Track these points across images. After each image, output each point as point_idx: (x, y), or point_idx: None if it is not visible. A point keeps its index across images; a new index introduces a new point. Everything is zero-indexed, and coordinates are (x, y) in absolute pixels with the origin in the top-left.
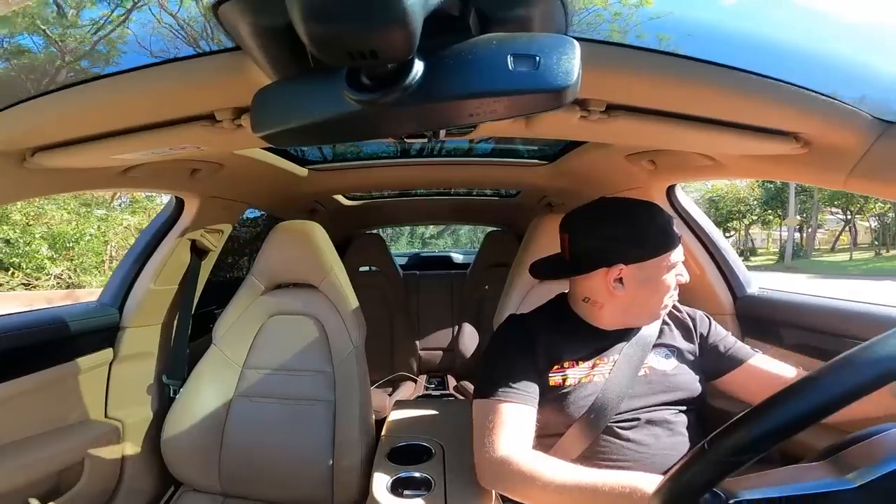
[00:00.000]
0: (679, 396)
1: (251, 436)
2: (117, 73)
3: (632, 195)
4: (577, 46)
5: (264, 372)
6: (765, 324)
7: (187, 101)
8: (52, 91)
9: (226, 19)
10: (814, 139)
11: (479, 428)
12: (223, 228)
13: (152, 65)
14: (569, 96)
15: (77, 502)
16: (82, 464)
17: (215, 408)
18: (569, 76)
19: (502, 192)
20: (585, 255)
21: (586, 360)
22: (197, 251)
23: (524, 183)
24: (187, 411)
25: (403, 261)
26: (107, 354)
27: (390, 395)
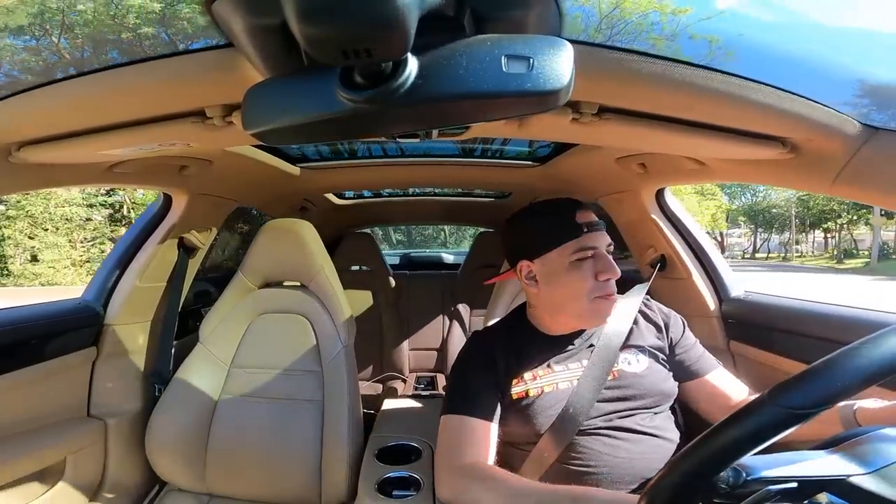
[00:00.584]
0: (652, 397)
1: (238, 435)
2: (105, 69)
3: (622, 198)
4: (571, 49)
5: (252, 371)
6: (749, 326)
7: (177, 98)
8: (37, 86)
9: (218, 16)
10: (801, 144)
11: (439, 443)
12: (212, 226)
13: (142, 60)
14: (562, 98)
15: (59, 502)
16: (64, 463)
17: (201, 407)
18: (562, 78)
19: (494, 193)
20: (507, 257)
21: (547, 369)
22: (185, 248)
23: (515, 184)
24: (172, 410)
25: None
26: (90, 352)
27: (379, 395)
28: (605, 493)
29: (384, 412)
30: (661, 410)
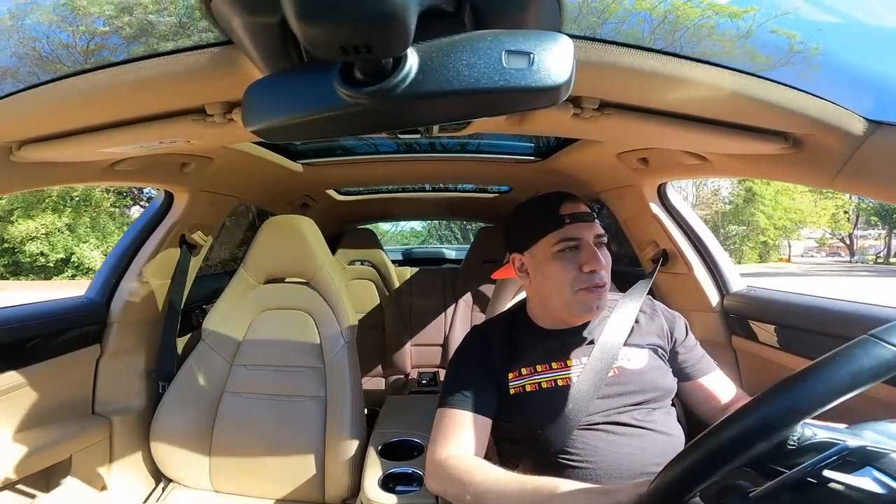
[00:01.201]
0: (652, 394)
1: (241, 431)
2: (106, 66)
3: (623, 193)
4: (572, 44)
5: (254, 367)
6: (752, 321)
7: (177, 95)
8: (38, 84)
9: (218, 13)
10: (803, 139)
11: (431, 435)
12: (213, 223)
13: (142, 58)
14: (562, 94)
15: (65, 499)
16: (70, 460)
17: (205, 403)
18: (563, 74)
19: (495, 188)
20: (507, 251)
21: (545, 364)
22: (187, 246)
23: (516, 179)
24: (176, 407)
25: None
26: (94, 350)
27: (382, 391)
28: (576, 485)
29: (387, 408)
30: (660, 406)
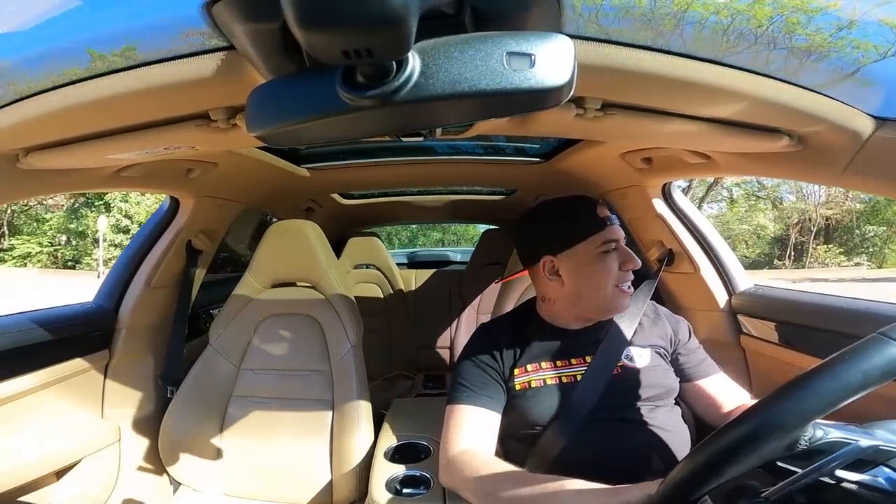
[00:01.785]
0: (655, 391)
1: (249, 435)
2: (110, 73)
3: (628, 193)
4: (573, 44)
5: (261, 371)
6: (760, 320)
7: (181, 101)
8: (44, 91)
9: (219, 18)
10: (808, 136)
11: (443, 432)
12: (219, 228)
13: (145, 64)
14: (564, 95)
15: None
16: (80, 465)
17: (213, 408)
18: (564, 74)
19: (499, 190)
20: (524, 254)
21: (551, 362)
22: (192, 251)
23: (520, 181)
24: (185, 411)
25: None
26: (103, 355)
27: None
28: (585, 484)
29: (393, 411)
30: (663, 404)
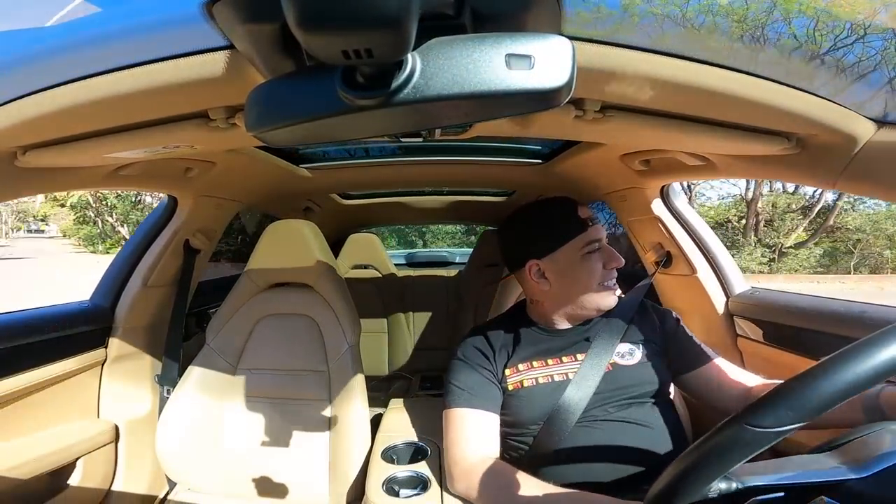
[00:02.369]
0: (647, 388)
1: (246, 435)
2: (109, 72)
3: (626, 195)
4: (572, 46)
5: (259, 372)
6: (757, 322)
7: (180, 100)
8: (42, 89)
9: (219, 17)
10: (806, 139)
11: (447, 437)
12: (217, 227)
13: (145, 63)
14: (563, 96)
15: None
16: (76, 465)
17: (210, 408)
18: (564, 76)
19: (498, 191)
20: (509, 259)
21: (543, 361)
22: (190, 250)
23: (519, 182)
24: (181, 411)
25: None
26: (99, 354)
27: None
28: (617, 501)
29: (390, 412)
30: (656, 401)
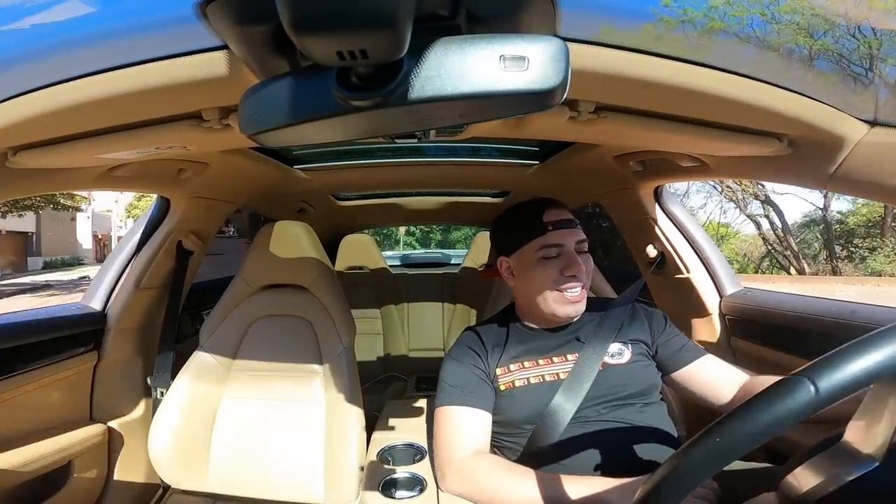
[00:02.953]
0: (638, 388)
1: (240, 437)
2: (101, 72)
3: (620, 196)
4: (567, 47)
5: (253, 373)
6: (750, 323)
7: (173, 100)
8: (34, 89)
9: (213, 17)
10: (797, 140)
11: (436, 435)
12: (210, 229)
13: (138, 63)
14: (558, 97)
15: None
16: (68, 467)
17: (203, 410)
18: (558, 77)
19: (493, 192)
20: (490, 255)
21: (534, 361)
22: (183, 252)
23: (514, 183)
24: (175, 413)
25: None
26: (91, 357)
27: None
28: (611, 481)
29: (386, 412)
30: (647, 401)
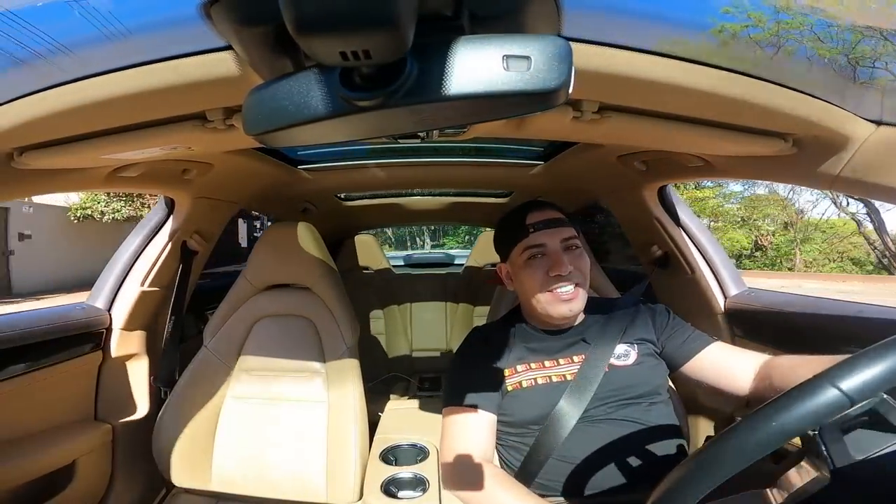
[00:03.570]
0: (645, 390)
1: (244, 437)
2: (106, 73)
3: (624, 196)
4: (570, 47)
5: (256, 373)
6: (755, 323)
7: (177, 101)
8: (39, 90)
9: (218, 18)
10: (803, 140)
11: (443, 434)
12: (214, 229)
13: (142, 64)
14: (561, 97)
15: None
16: (73, 466)
17: (207, 409)
18: (561, 77)
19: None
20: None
21: (540, 362)
22: (188, 252)
23: (518, 183)
24: (179, 413)
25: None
26: (96, 356)
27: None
28: None
29: (389, 413)
30: (654, 401)
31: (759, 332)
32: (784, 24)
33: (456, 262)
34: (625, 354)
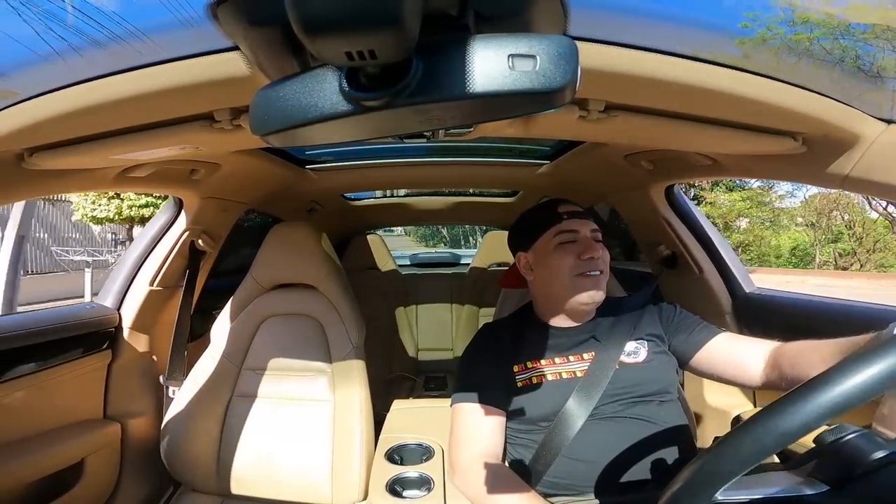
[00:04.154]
0: (655, 388)
1: (250, 436)
2: (115, 73)
3: (631, 195)
4: (577, 46)
5: (263, 372)
6: (763, 323)
7: (185, 101)
8: (49, 91)
9: (224, 19)
10: (813, 139)
11: (452, 430)
12: (222, 229)
13: (150, 64)
14: (567, 96)
15: (76, 502)
16: (81, 464)
17: (214, 408)
18: (568, 76)
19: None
20: (513, 255)
21: (551, 359)
22: (196, 252)
23: (524, 183)
24: (186, 412)
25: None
26: (105, 355)
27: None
28: None
29: (394, 412)
30: (665, 399)
31: (768, 332)
32: (796, 23)
33: (462, 262)
34: (635, 352)
